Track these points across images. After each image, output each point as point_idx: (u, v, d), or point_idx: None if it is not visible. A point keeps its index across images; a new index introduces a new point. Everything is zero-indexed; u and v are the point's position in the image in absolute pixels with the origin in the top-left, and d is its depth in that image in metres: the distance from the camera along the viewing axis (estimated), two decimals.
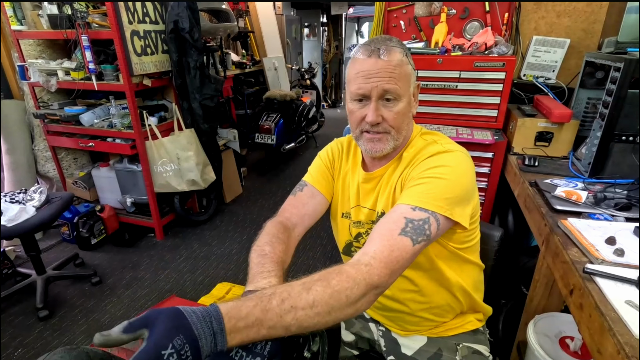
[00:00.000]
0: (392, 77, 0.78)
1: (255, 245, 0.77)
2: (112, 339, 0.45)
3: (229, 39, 4.32)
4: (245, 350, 0.56)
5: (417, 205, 0.72)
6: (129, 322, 0.47)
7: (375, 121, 0.80)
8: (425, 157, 0.81)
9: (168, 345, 0.45)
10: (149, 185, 2.55)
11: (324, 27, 7.87)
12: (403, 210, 0.72)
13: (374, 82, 0.78)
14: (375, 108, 0.80)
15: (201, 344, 0.48)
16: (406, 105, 0.82)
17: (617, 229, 0.99)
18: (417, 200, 0.73)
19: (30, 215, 1.89)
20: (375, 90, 0.78)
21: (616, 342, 0.65)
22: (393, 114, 0.80)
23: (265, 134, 3.95)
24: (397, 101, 0.80)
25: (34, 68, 2.35)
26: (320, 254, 2.59)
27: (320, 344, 0.91)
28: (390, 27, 2.22)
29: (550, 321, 1.16)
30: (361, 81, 0.79)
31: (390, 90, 0.78)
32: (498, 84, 1.75)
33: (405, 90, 0.81)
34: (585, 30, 1.93)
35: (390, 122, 0.81)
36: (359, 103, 0.82)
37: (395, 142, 0.84)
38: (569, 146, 1.64)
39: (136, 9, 2.23)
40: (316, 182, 0.97)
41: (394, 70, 0.78)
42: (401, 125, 0.83)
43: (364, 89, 0.79)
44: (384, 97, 0.80)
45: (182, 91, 2.60)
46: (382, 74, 0.78)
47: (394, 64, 0.78)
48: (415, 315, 0.96)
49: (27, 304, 2.05)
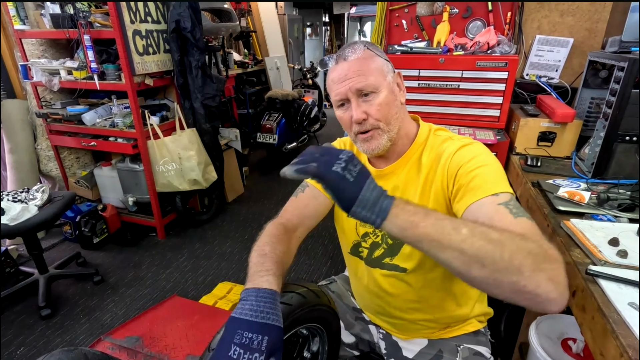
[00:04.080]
0: (362, 74, 0.79)
1: (255, 246, 0.77)
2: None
3: (231, 39, 4.32)
4: (243, 347, 0.56)
5: (494, 192, 0.69)
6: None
7: (360, 118, 0.80)
8: (452, 153, 0.80)
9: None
10: (151, 184, 2.55)
11: (326, 26, 7.87)
12: (490, 202, 0.68)
13: (347, 84, 0.80)
14: (356, 106, 0.80)
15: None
16: (388, 95, 0.81)
17: (620, 230, 0.98)
18: (489, 189, 0.70)
19: (32, 214, 1.90)
20: (350, 91, 0.80)
21: (619, 344, 0.65)
22: (375, 107, 0.80)
23: (267, 133, 3.95)
24: (376, 94, 0.80)
25: (37, 67, 2.36)
26: (321, 254, 2.59)
27: (320, 344, 0.91)
28: (392, 27, 2.21)
29: (552, 323, 1.15)
30: (336, 87, 0.82)
31: (363, 87, 0.79)
32: (500, 83, 1.74)
33: (380, 81, 0.81)
34: (588, 30, 1.91)
35: (374, 115, 0.80)
36: (343, 107, 0.84)
37: (388, 134, 0.83)
38: (572, 146, 1.63)
39: (138, 9, 2.24)
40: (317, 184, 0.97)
41: (362, 67, 0.79)
42: (388, 116, 0.82)
43: (340, 93, 0.81)
44: (361, 94, 0.80)
45: (184, 91, 2.61)
46: (350, 74, 0.79)
47: (361, 61, 0.80)
48: (418, 323, 0.97)
49: (30, 302, 2.06)
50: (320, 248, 2.66)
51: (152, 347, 1.64)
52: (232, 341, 0.57)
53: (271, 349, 0.57)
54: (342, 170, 0.57)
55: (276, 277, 0.67)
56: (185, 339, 1.71)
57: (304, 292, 0.76)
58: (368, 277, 0.97)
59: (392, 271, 0.91)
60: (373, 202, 0.56)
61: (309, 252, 2.61)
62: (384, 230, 0.57)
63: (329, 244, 2.70)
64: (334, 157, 0.58)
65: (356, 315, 1.10)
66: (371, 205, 0.56)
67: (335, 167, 0.57)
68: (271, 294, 0.63)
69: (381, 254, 0.92)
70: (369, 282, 0.97)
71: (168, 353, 1.62)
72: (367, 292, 1.00)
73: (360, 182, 0.57)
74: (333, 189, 0.57)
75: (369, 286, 0.98)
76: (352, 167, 0.58)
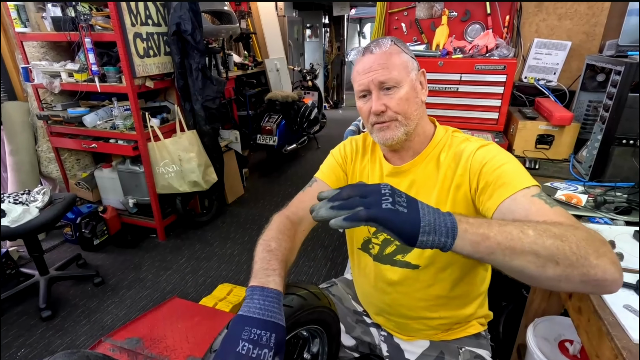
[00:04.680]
0: (386, 67, 0.81)
1: (261, 239, 0.77)
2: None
3: (231, 41, 4.33)
4: (251, 343, 0.56)
5: (525, 186, 0.70)
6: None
7: (378, 110, 0.82)
8: (473, 152, 0.81)
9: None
10: (151, 186, 2.56)
11: (326, 28, 7.88)
12: (523, 195, 0.69)
13: (370, 76, 0.81)
14: (376, 98, 0.82)
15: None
16: (409, 91, 0.82)
17: (616, 233, 0.99)
18: (519, 183, 0.71)
19: (33, 216, 1.91)
20: (372, 83, 0.82)
21: (614, 346, 0.66)
22: (395, 101, 0.81)
23: (267, 135, 3.96)
24: (397, 88, 0.82)
25: (38, 70, 2.37)
26: (321, 256, 2.60)
27: (320, 345, 0.92)
28: (392, 30, 2.23)
29: (549, 324, 1.16)
30: (360, 78, 0.84)
31: (385, 80, 0.81)
32: (499, 86, 1.75)
33: (404, 76, 0.82)
34: (586, 33, 1.93)
35: (394, 108, 0.82)
36: (364, 99, 0.86)
37: (405, 127, 0.83)
38: (570, 149, 1.64)
39: (139, 12, 2.25)
40: (326, 178, 0.98)
41: (387, 60, 0.81)
42: (407, 111, 0.83)
43: (363, 84, 0.83)
44: (383, 87, 0.82)
45: (184, 93, 2.62)
46: (375, 66, 0.81)
47: (386, 55, 0.82)
48: (422, 322, 0.97)
49: (30, 304, 2.07)
50: (320, 250, 2.67)
51: (152, 349, 1.65)
52: (240, 337, 0.56)
53: (277, 347, 0.57)
54: (393, 205, 0.53)
55: (281, 277, 0.68)
56: (186, 341, 1.71)
57: (304, 294, 0.77)
58: (376, 274, 0.97)
59: (403, 268, 0.92)
60: (435, 224, 0.53)
61: (308, 254, 2.62)
62: (455, 250, 0.54)
63: (329, 246, 2.71)
64: (378, 195, 0.54)
65: (357, 318, 1.10)
66: (435, 228, 0.53)
67: (385, 204, 0.53)
68: (276, 295, 0.63)
69: (393, 250, 0.93)
70: (377, 278, 0.97)
71: (169, 354, 1.63)
72: (373, 289, 1.00)
73: (415, 209, 0.54)
74: (391, 227, 0.53)
75: (376, 283, 0.98)
76: (399, 198, 0.55)
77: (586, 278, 0.53)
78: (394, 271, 0.93)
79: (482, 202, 0.76)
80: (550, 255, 0.52)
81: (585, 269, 0.52)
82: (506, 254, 0.53)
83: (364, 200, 0.54)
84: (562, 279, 0.53)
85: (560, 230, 0.54)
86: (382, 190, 0.55)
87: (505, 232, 0.54)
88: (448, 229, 0.53)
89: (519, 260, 0.53)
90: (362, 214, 0.52)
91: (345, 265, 2.45)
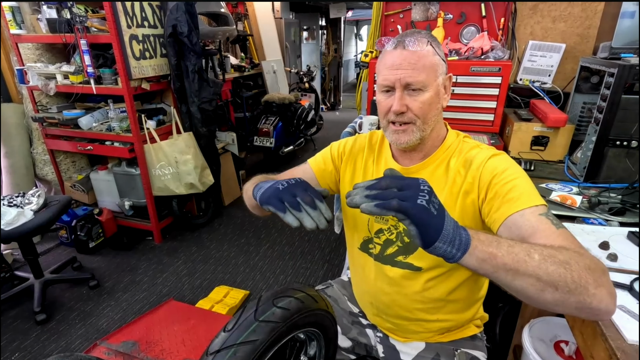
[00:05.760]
0: (416, 69, 0.78)
1: (245, 187, 0.86)
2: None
3: (228, 43, 4.33)
4: (286, 183, 0.69)
5: (534, 204, 0.71)
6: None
7: (399, 110, 0.80)
8: (484, 161, 0.81)
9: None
10: (147, 188, 2.55)
11: (322, 30, 7.90)
12: (532, 212, 0.69)
13: (398, 74, 0.79)
14: (399, 97, 0.80)
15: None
16: (433, 96, 0.81)
17: (610, 234, 1.00)
18: (528, 200, 0.71)
19: (28, 218, 1.89)
20: (399, 82, 0.79)
21: (608, 347, 0.66)
22: (418, 104, 0.80)
23: (263, 137, 3.96)
24: (423, 91, 0.80)
25: (33, 72, 2.36)
26: (318, 258, 2.59)
27: (317, 348, 0.92)
28: (388, 32, 2.24)
29: (545, 325, 1.17)
30: (387, 73, 0.81)
31: (412, 82, 0.79)
32: (494, 88, 1.76)
33: (431, 80, 0.80)
34: (580, 35, 1.94)
35: (415, 111, 0.81)
36: (386, 94, 0.83)
37: (421, 132, 0.83)
38: (565, 150, 1.65)
39: (135, 13, 2.24)
40: (315, 166, 1.03)
41: (418, 61, 0.78)
42: (427, 116, 0.82)
43: (389, 80, 0.80)
44: (409, 88, 0.80)
45: (181, 95, 2.61)
46: (405, 65, 0.78)
47: (419, 55, 0.79)
48: (419, 324, 0.97)
49: (25, 307, 2.05)
50: (317, 252, 2.67)
51: (148, 352, 1.64)
52: (275, 186, 0.69)
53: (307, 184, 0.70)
54: (427, 204, 0.53)
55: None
56: (182, 344, 1.70)
57: (302, 297, 0.77)
58: (376, 274, 0.97)
59: (405, 269, 0.91)
60: (453, 235, 0.54)
61: (305, 255, 2.62)
62: (460, 263, 0.55)
63: (325, 248, 2.71)
64: (416, 190, 0.55)
65: (353, 319, 1.10)
66: (451, 239, 0.54)
67: (421, 200, 0.53)
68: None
69: (394, 251, 0.93)
70: (377, 279, 0.97)
71: (165, 357, 1.62)
72: (373, 289, 0.99)
73: (443, 215, 0.54)
74: (418, 223, 0.53)
75: (376, 283, 0.97)
76: (434, 199, 0.55)
77: (581, 305, 0.54)
78: (394, 272, 0.93)
79: (489, 213, 0.76)
80: (551, 281, 0.53)
81: (582, 297, 0.53)
82: (509, 274, 0.55)
83: (400, 193, 0.54)
84: (559, 303, 0.55)
85: (565, 257, 0.55)
86: (421, 186, 0.56)
87: (513, 254, 0.55)
88: (462, 243, 0.54)
89: (520, 281, 0.55)
90: (394, 203, 0.53)
91: (342, 266, 2.44)
